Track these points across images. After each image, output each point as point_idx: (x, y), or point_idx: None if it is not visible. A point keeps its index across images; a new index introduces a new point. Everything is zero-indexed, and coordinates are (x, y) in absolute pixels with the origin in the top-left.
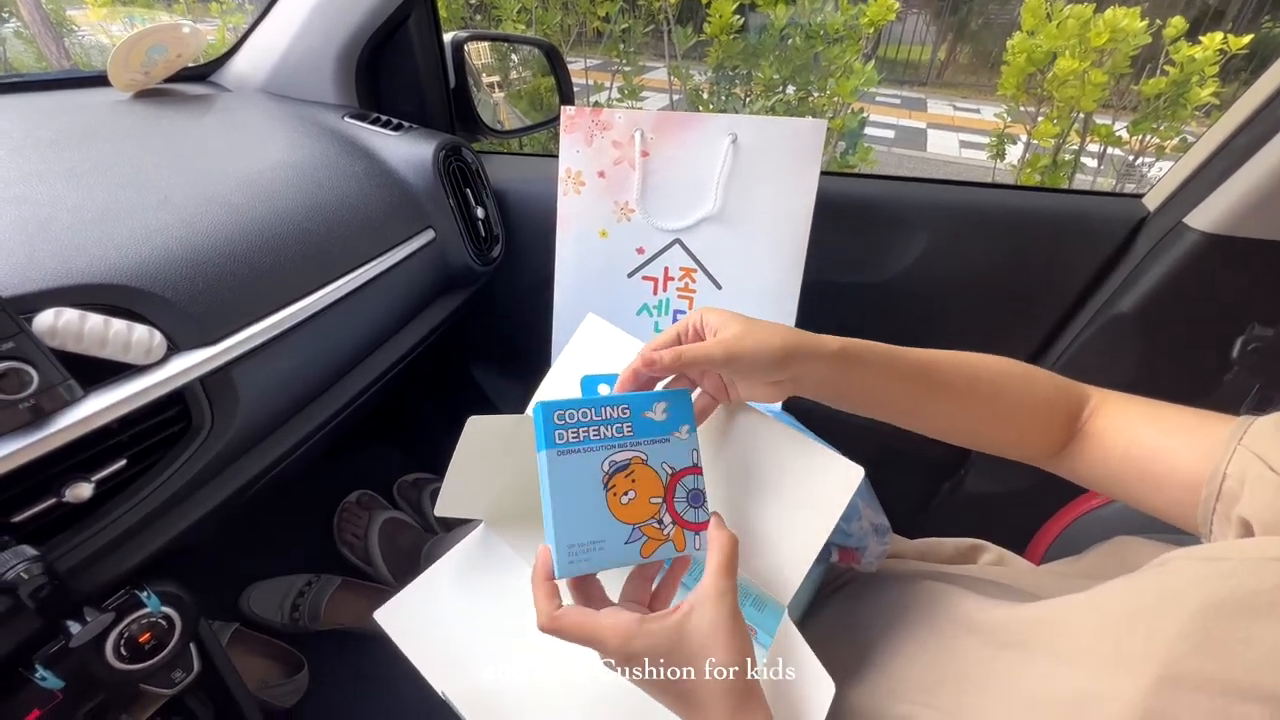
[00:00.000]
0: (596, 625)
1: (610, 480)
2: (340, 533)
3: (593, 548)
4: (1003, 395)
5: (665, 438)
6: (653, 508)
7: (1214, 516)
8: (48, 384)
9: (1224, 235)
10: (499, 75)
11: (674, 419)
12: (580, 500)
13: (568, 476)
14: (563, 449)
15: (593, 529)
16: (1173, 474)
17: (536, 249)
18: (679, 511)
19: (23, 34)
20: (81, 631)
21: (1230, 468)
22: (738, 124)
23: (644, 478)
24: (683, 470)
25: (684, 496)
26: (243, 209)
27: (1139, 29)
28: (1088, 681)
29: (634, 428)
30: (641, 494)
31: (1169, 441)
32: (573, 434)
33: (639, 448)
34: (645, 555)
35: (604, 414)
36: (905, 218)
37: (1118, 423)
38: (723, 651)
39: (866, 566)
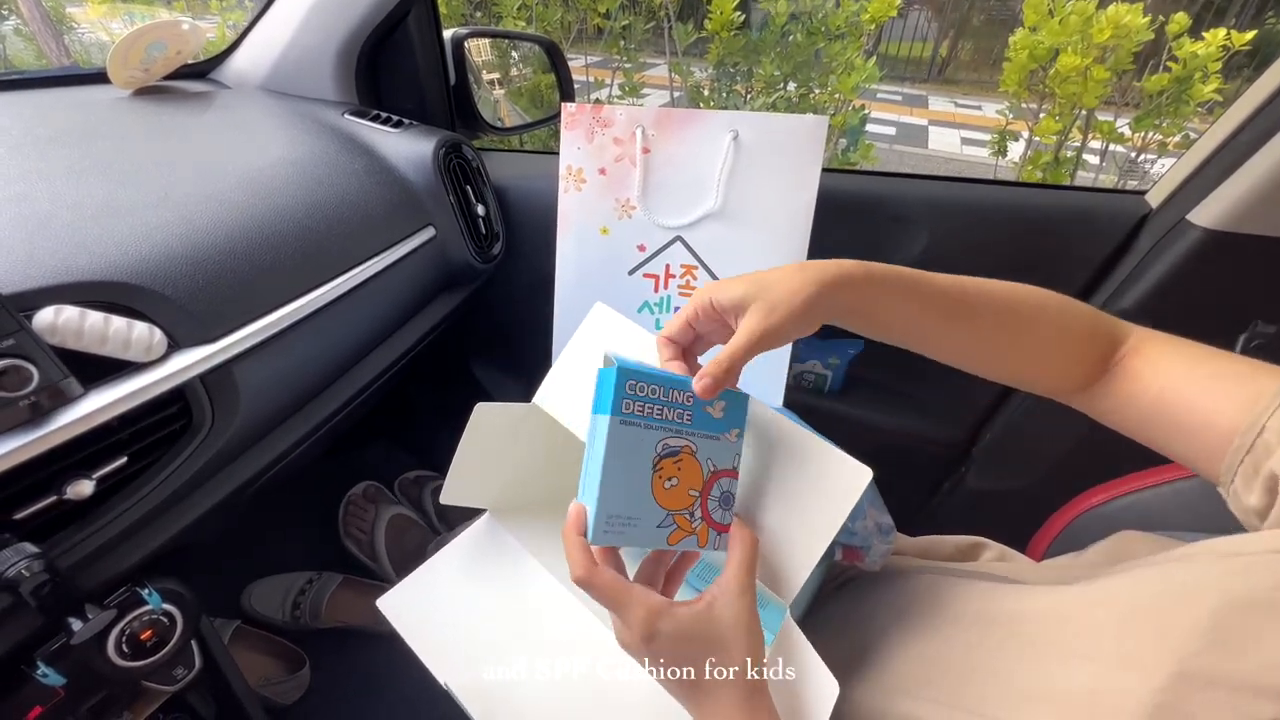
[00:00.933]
0: (630, 593)
1: (659, 463)
2: (345, 526)
3: (628, 523)
4: (1037, 326)
5: (717, 436)
6: (689, 499)
7: (1239, 469)
8: (48, 381)
9: (1227, 232)
10: (499, 72)
11: (729, 420)
12: (629, 474)
13: (623, 447)
14: (626, 419)
15: (633, 505)
16: (1206, 423)
17: (537, 246)
18: (709, 509)
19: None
20: (83, 629)
21: (1272, 421)
22: (739, 121)
23: (689, 468)
24: (723, 471)
25: (718, 496)
26: (243, 206)
27: (1141, 25)
28: (1098, 676)
29: (694, 417)
30: (683, 483)
31: (1208, 389)
32: (639, 407)
33: (693, 438)
34: (671, 543)
35: (671, 396)
36: (907, 214)
37: (1156, 364)
38: (741, 645)
39: (870, 566)
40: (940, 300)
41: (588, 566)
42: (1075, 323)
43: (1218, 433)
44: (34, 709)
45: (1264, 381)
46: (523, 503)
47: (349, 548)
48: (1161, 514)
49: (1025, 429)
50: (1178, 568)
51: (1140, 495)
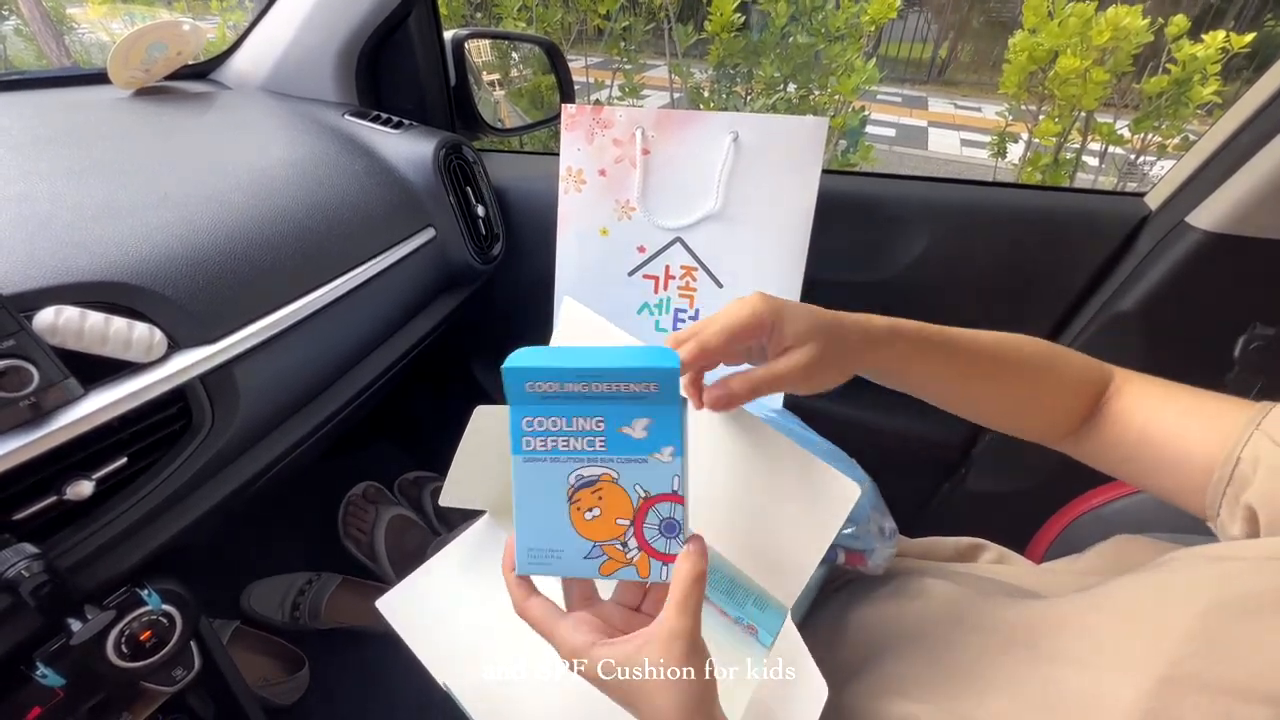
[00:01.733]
0: (553, 630)
1: (575, 494)
2: (345, 526)
3: (550, 555)
4: (1030, 374)
5: (643, 458)
6: (618, 529)
7: (1223, 500)
8: (48, 382)
9: (1226, 234)
10: (499, 73)
11: (656, 438)
12: (543, 507)
13: (532, 483)
14: (529, 456)
15: (552, 537)
16: (1188, 457)
17: (537, 247)
18: (647, 538)
19: (23, 31)
20: (82, 629)
21: (1245, 452)
22: (739, 122)
23: (612, 496)
24: (659, 496)
25: (655, 524)
26: (243, 207)
27: (1141, 27)
28: (1091, 681)
29: (608, 442)
30: (607, 513)
31: (1187, 424)
32: (540, 441)
33: (610, 464)
34: (604, 573)
35: (576, 424)
36: (907, 216)
37: (1136, 404)
38: (667, 697)
39: (873, 569)
40: (955, 351)
41: (520, 599)
42: (1072, 369)
43: (1196, 467)
44: (33, 709)
45: (1236, 414)
46: None
47: (349, 548)
48: (1159, 515)
49: None
50: (1171, 572)
51: (1138, 497)
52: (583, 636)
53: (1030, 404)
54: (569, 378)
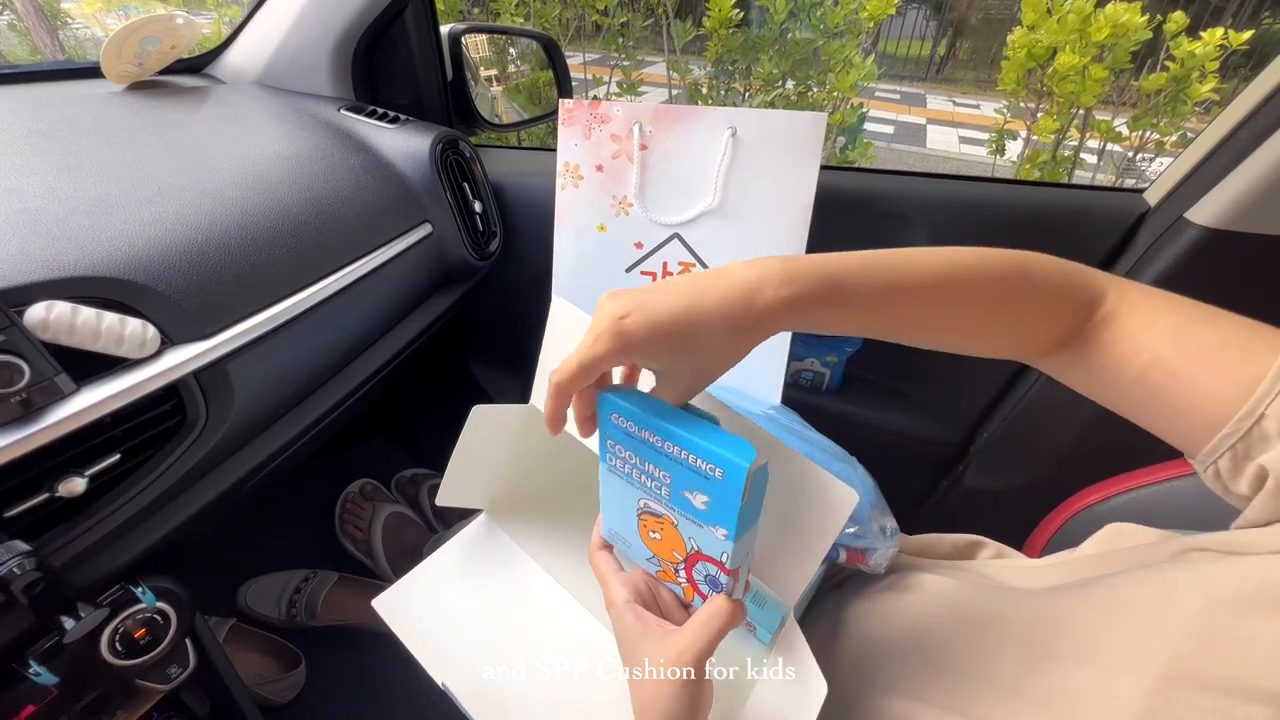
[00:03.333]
0: (607, 578)
1: (643, 516)
2: (342, 524)
3: (623, 540)
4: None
5: (700, 524)
6: (674, 558)
7: (1225, 454)
8: (40, 378)
9: (1225, 230)
10: (497, 69)
11: (713, 515)
12: (620, 509)
13: (612, 489)
14: (611, 469)
15: (624, 530)
16: (1196, 406)
17: (534, 243)
18: (696, 580)
19: (17, 26)
20: (75, 627)
21: (1271, 409)
22: (737, 117)
23: (671, 535)
24: (708, 557)
25: (703, 575)
26: (237, 202)
27: (1139, 24)
28: (1092, 680)
29: (671, 495)
30: (666, 542)
31: (1201, 366)
32: (620, 463)
33: (673, 513)
34: (659, 578)
35: (646, 467)
36: (905, 212)
37: (1138, 337)
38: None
39: (874, 568)
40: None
41: (595, 547)
42: (1049, 286)
43: (1208, 415)
44: (27, 708)
45: (1264, 358)
46: (519, 503)
47: (345, 545)
48: (1157, 512)
49: (1023, 428)
50: (1169, 568)
51: (1136, 493)
52: (624, 593)
53: (987, 331)
54: (646, 425)
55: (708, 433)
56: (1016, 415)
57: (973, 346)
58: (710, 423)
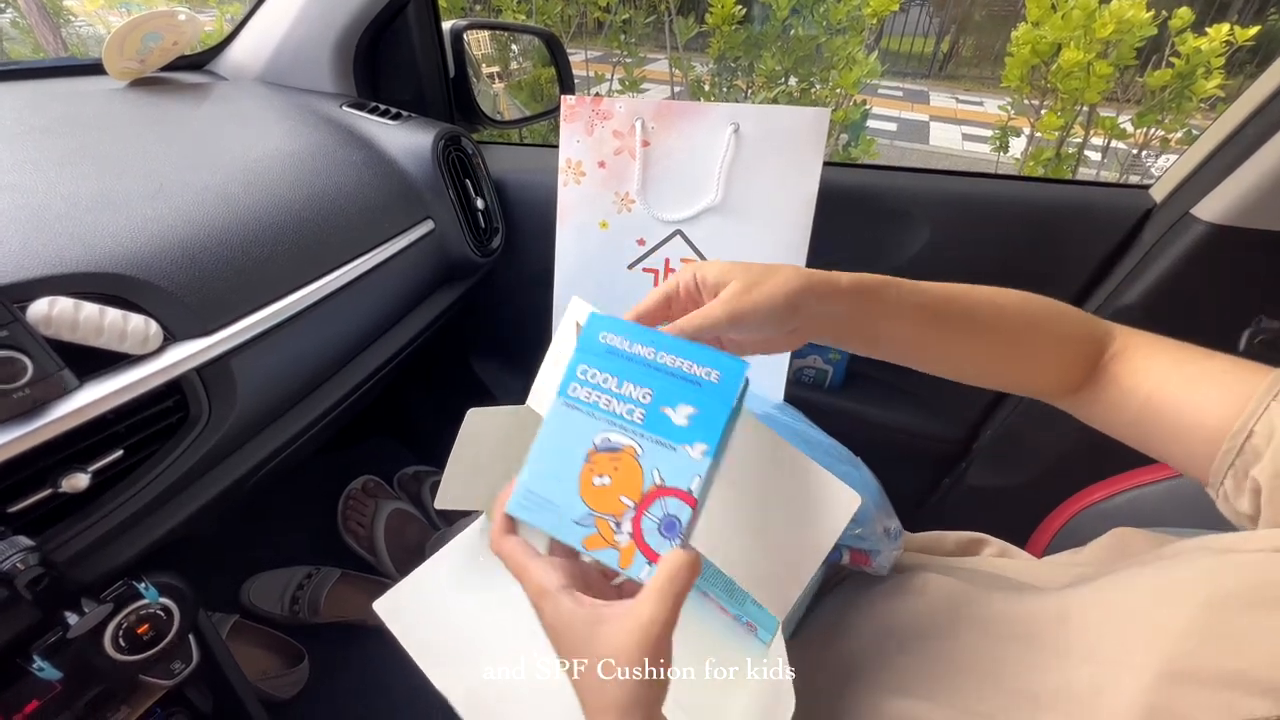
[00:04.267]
0: (526, 565)
1: (595, 455)
2: (345, 520)
3: (544, 505)
4: (1026, 333)
5: (673, 446)
6: (620, 506)
7: (1229, 473)
8: (43, 374)
9: (1231, 226)
10: (499, 66)
11: (693, 431)
12: (560, 456)
13: (561, 427)
14: (571, 401)
15: (555, 488)
16: (1196, 425)
17: (537, 240)
18: (643, 528)
19: (20, 24)
20: (79, 622)
21: (1259, 425)
22: (740, 113)
23: (627, 471)
24: (672, 489)
25: (658, 516)
26: (239, 198)
27: (1144, 20)
28: (1095, 676)
29: (646, 417)
30: (616, 485)
31: (1196, 391)
32: (585, 393)
33: (640, 439)
34: (586, 547)
35: (625, 389)
36: (909, 208)
37: (1142, 367)
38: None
39: (877, 570)
40: (932, 313)
41: (499, 531)
42: (1063, 326)
43: (1206, 434)
44: (31, 702)
45: (1251, 381)
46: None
47: (348, 542)
48: (1160, 510)
49: (1025, 426)
50: (1172, 565)
51: (1139, 491)
52: (557, 578)
53: (1013, 363)
54: (641, 338)
55: (700, 347)
56: (1019, 413)
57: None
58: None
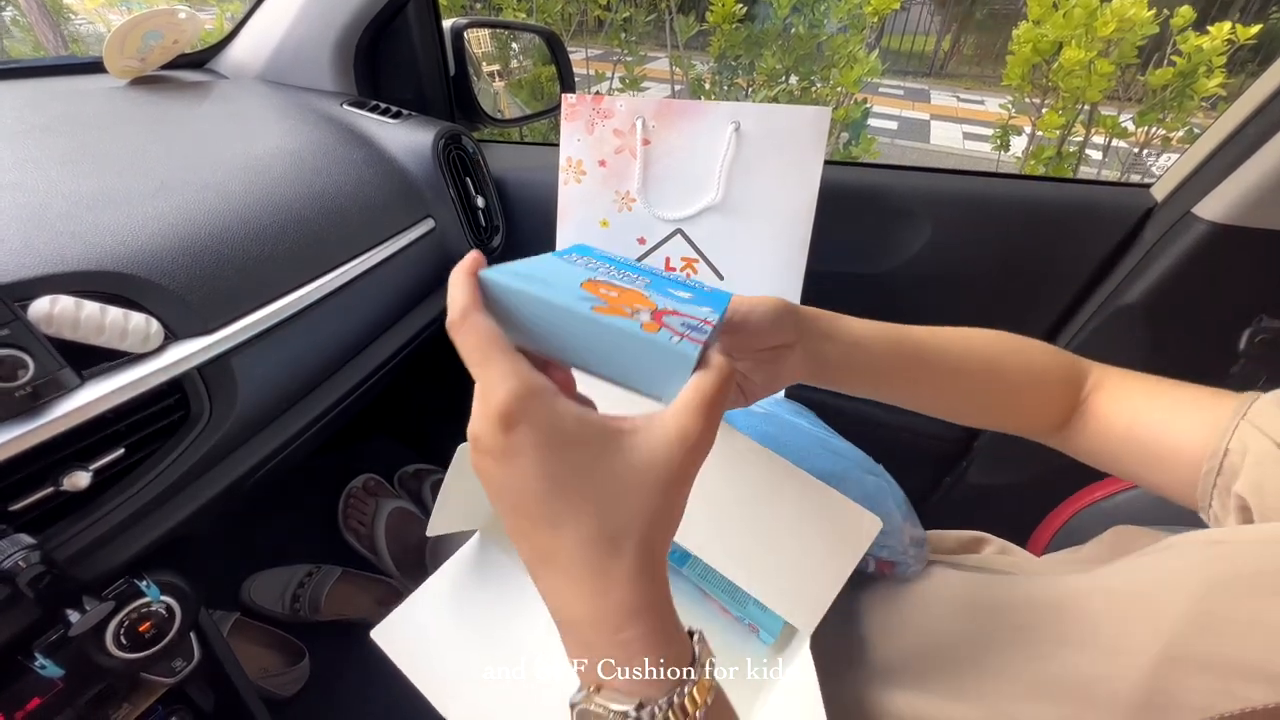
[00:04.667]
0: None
1: (594, 282)
2: (346, 519)
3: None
4: (998, 369)
5: (678, 299)
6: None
7: (1214, 492)
8: (44, 372)
9: (1233, 225)
10: (499, 64)
11: (701, 300)
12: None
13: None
14: (565, 257)
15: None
16: (1176, 451)
17: (537, 239)
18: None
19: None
20: (81, 620)
21: (1233, 443)
22: (741, 111)
23: (633, 296)
24: (684, 313)
25: (678, 324)
26: (240, 196)
27: (1146, 18)
28: (1094, 664)
29: (651, 283)
30: (623, 298)
31: (1172, 418)
32: (581, 261)
33: (644, 289)
34: (595, 312)
35: (622, 275)
36: (910, 207)
37: (1119, 399)
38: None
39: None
40: (912, 351)
41: (464, 307)
42: (1036, 361)
43: (1187, 459)
44: (33, 700)
45: (1220, 405)
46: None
47: (349, 541)
48: (1159, 509)
49: None
50: (1169, 555)
51: (1139, 490)
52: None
53: (1000, 399)
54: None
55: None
56: None
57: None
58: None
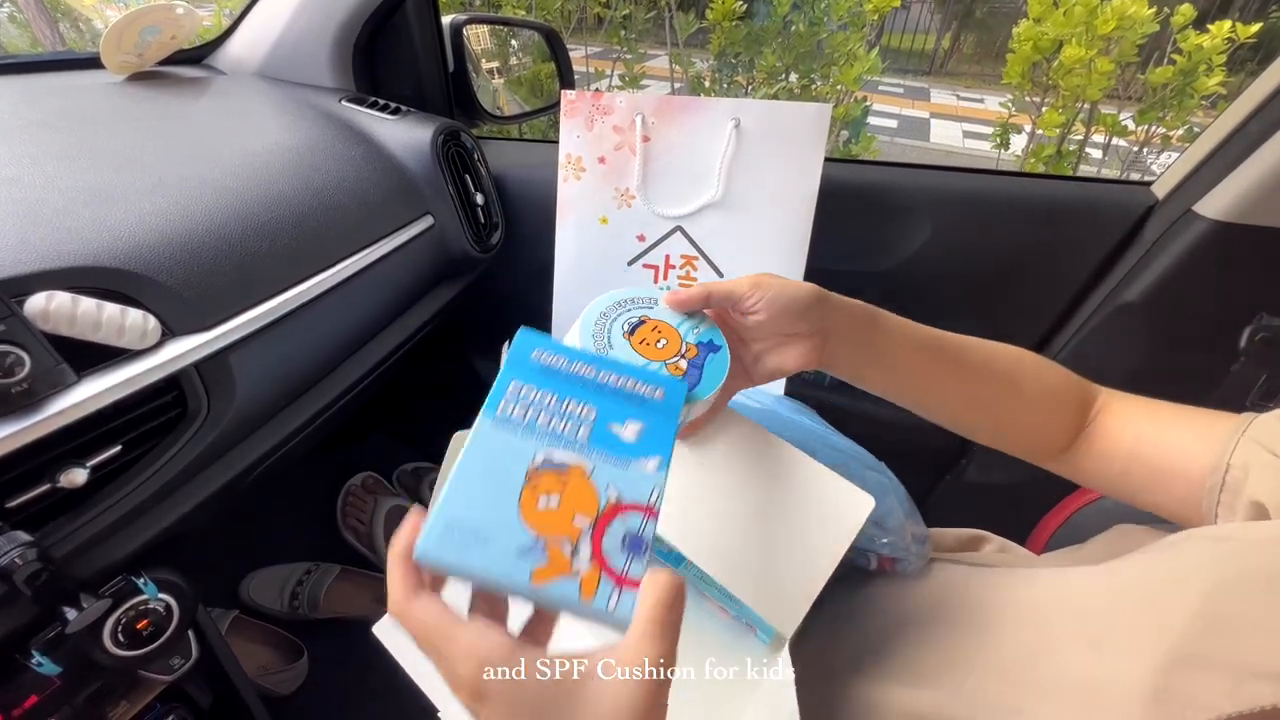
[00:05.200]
0: (452, 635)
1: (537, 475)
2: (344, 517)
3: (474, 539)
4: (1018, 383)
5: (625, 461)
6: (573, 529)
7: (1218, 508)
8: (40, 368)
9: (1234, 223)
10: (498, 61)
11: (645, 445)
12: (491, 479)
13: (491, 450)
14: (501, 420)
15: (487, 515)
16: (1180, 470)
17: (536, 236)
18: (604, 549)
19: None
20: (78, 618)
21: (1234, 459)
22: (741, 108)
23: (578, 491)
24: (631, 505)
25: (619, 535)
26: (238, 193)
27: (1146, 17)
28: (1100, 662)
29: (592, 434)
30: (567, 505)
31: (1175, 437)
32: (520, 410)
33: (588, 456)
34: (535, 582)
35: (567, 407)
36: (910, 205)
37: (1123, 421)
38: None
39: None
40: (933, 348)
41: (406, 593)
42: (1052, 378)
43: (1190, 478)
44: (30, 698)
45: (1220, 425)
46: None
47: (348, 538)
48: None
49: None
50: (1176, 552)
51: None
52: (501, 638)
53: (1014, 414)
54: (580, 358)
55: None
56: None
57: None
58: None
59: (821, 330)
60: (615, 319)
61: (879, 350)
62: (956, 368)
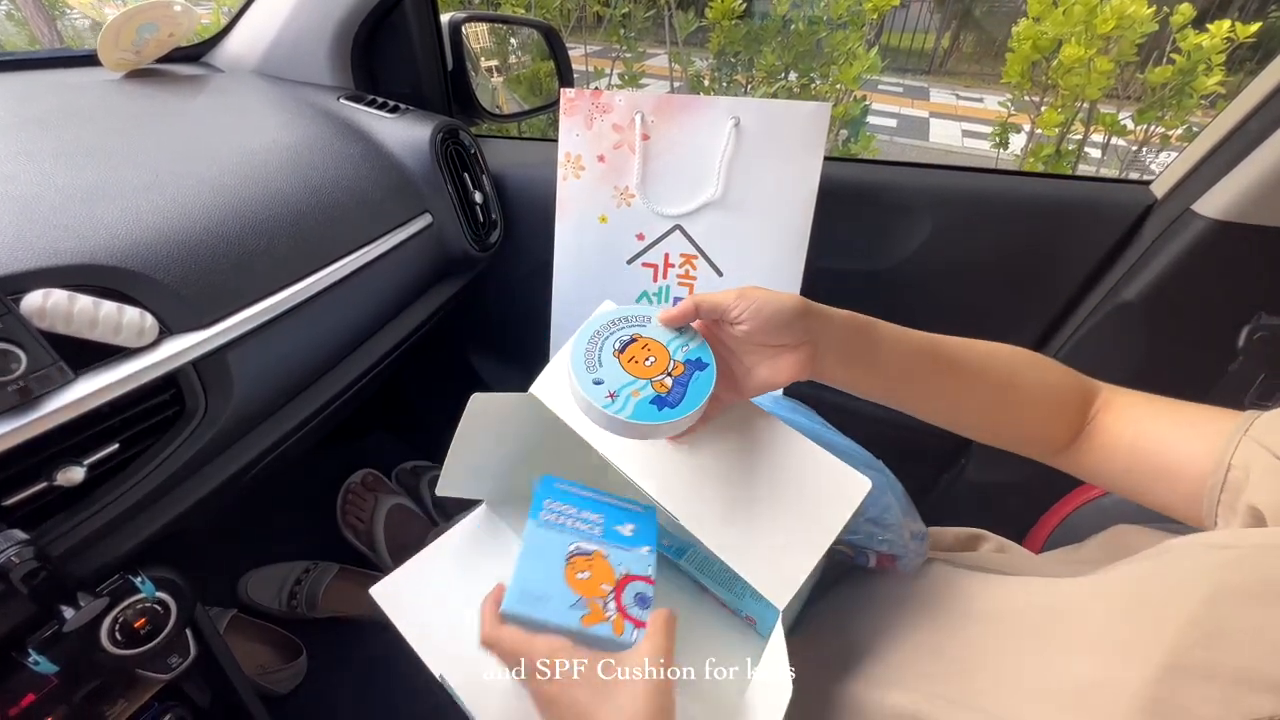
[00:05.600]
0: (530, 642)
1: (573, 557)
2: (344, 515)
3: (540, 599)
4: (1016, 382)
5: (628, 549)
6: (602, 592)
7: (1219, 507)
8: (37, 366)
9: (1232, 222)
10: (497, 59)
11: (640, 538)
12: (544, 561)
13: (540, 542)
14: (544, 524)
15: (546, 583)
16: (1181, 467)
17: (536, 235)
18: (624, 603)
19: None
20: (75, 616)
21: (1235, 459)
22: (740, 107)
23: (601, 567)
24: (637, 576)
25: (633, 594)
26: (236, 190)
27: (1146, 16)
28: (1095, 670)
29: (604, 532)
30: (596, 576)
31: (1176, 435)
32: (555, 516)
33: (604, 546)
34: (585, 625)
35: (584, 515)
36: (909, 204)
37: (1125, 417)
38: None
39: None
40: (927, 353)
41: (492, 625)
42: (1051, 377)
43: (1190, 476)
44: (27, 696)
45: (1222, 423)
46: (519, 493)
47: (347, 537)
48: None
49: None
50: (1172, 560)
51: None
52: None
53: (1014, 413)
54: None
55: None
56: None
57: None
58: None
59: (810, 342)
60: (607, 338)
61: (872, 360)
62: (953, 372)
